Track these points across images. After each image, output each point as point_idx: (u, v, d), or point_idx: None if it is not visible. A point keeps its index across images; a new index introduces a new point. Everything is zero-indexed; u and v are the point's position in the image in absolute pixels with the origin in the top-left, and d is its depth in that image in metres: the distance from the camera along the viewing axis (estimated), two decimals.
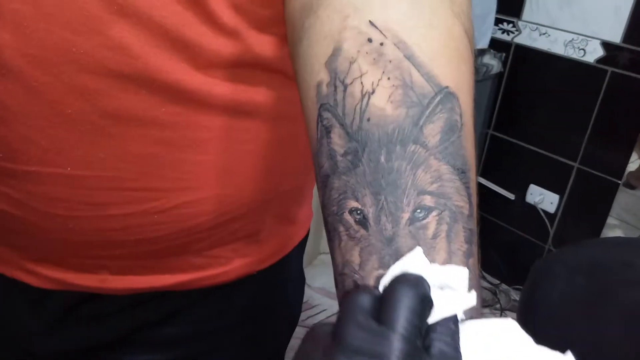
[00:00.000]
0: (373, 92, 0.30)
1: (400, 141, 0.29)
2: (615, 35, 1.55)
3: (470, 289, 0.28)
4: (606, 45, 1.58)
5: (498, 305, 1.92)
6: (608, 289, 0.89)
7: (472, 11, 0.38)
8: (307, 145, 0.49)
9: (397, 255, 0.29)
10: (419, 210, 0.29)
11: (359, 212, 0.30)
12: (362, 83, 0.30)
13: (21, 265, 0.48)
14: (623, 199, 2.88)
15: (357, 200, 0.30)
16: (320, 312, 1.87)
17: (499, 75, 1.82)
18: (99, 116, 0.37)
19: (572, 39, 1.64)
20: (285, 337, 0.66)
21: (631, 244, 0.91)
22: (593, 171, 1.72)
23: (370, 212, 0.29)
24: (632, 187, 2.94)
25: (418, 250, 0.28)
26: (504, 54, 1.79)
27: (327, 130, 0.31)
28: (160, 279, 0.49)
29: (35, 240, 0.45)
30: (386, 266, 0.29)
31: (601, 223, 1.73)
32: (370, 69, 0.30)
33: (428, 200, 0.29)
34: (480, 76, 1.71)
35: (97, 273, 0.48)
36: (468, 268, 0.30)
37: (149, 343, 0.53)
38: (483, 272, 2.09)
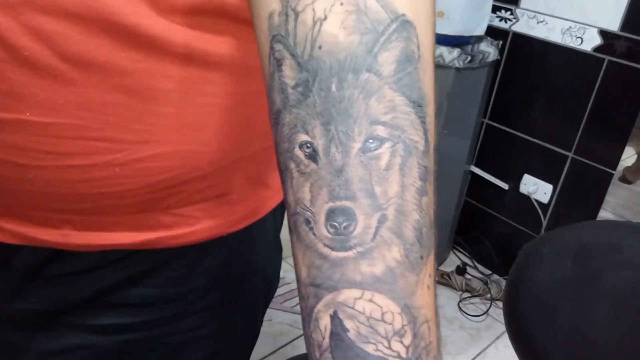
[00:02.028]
0: (325, 18, 0.28)
1: (352, 69, 0.28)
2: (613, 23, 1.54)
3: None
4: (604, 33, 1.57)
5: (489, 295, 1.91)
6: (595, 271, 0.88)
7: None
8: None
9: (347, 186, 0.28)
10: (371, 141, 0.28)
11: (308, 145, 0.29)
12: (313, 9, 0.28)
13: None
14: (619, 193, 2.89)
15: (307, 133, 0.29)
16: None
17: (496, 63, 1.81)
18: (59, 60, 0.36)
19: (570, 27, 1.63)
20: (260, 307, 0.65)
21: (619, 227, 0.90)
22: (587, 161, 1.71)
23: (320, 144, 0.29)
24: (628, 182, 2.93)
25: None
26: (500, 42, 1.78)
27: (279, 63, 0.30)
28: (126, 236, 0.48)
29: None
30: (336, 198, 0.28)
31: (594, 213, 1.72)
32: None
33: (381, 131, 0.28)
34: (476, 63, 1.69)
35: (60, 228, 0.47)
36: (420, 208, 0.29)
37: (117, 305, 0.52)
38: (475, 262, 2.09)
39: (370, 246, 0.28)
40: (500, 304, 1.88)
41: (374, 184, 0.28)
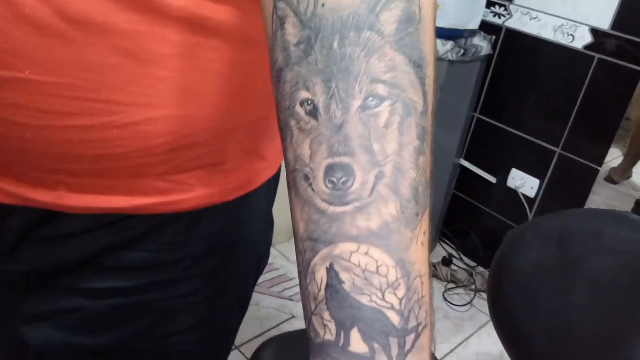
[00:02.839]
0: None
1: (354, 27, 0.29)
2: (604, 21, 1.56)
3: None
4: (594, 31, 1.59)
5: (473, 286, 1.94)
6: (577, 257, 0.91)
7: None
8: None
9: (346, 142, 0.28)
10: (370, 98, 0.29)
11: (309, 102, 0.29)
12: None
13: None
14: (605, 193, 2.93)
15: (308, 90, 0.29)
16: (297, 284, 1.89)
17: (488, 57, 1.83)
18: (59, 19, 0.36)
19: (562, 24, 1.65)
20: (251, 278, 0.66)
21: (601, 214, 0.93)
22: (574, 157, 1.74)
23: (320, 100, 0.29)
24: (614, 182, 2.98)
25: None
26: (493, 37, 1.80)
27: (281, 21, 0.30)
28: (120, 200, 0.48)
29: None
30: (335, 154, 0.29)
31: (579, 208, 1.75)
32: None
33: (381, 89, 0.29)
34: (469, 57, 1.71)
35: (55, 189, 0.47)
36: (417, 166, 0.30)
37: (109, 268, 0.52)
38: (461, 254, 2.11)
39: (367, 201, 0.29)
40: (484, 295, 1.91)
41: (373, 141, 0.29)
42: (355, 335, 0.28)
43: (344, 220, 0.29)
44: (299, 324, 1.72)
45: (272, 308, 1.76)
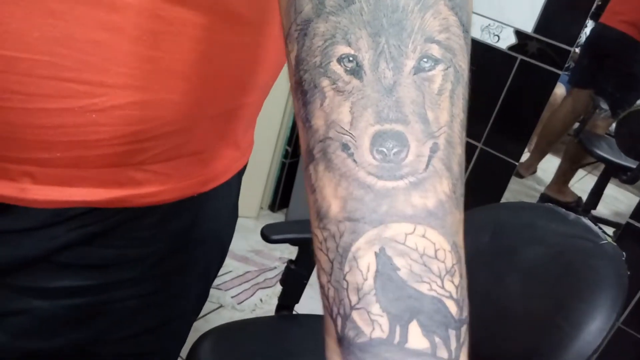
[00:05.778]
0: None
1: None
2: (528, 24, 1.65)
3: None
4: (519, 33, 1.68)
5: None
6: (510, 247, 0.96)
7: None
8: (258, 58, 0.47)
9: (398, 108, 0.25)
10: (425, 59, 0.25)
11: (351, 58, 0.25)
12: None
13: None
14: (512, 187, 3.14)
15: (349, 44, 0.25)
16: (226, 273, 1.86)
17: None
18: None
19: (489, 25, 1.73)
20: (213, 273, 0.62)
21: (533, 208, 0.99)
22: (494, 152, 1.84)
23: (366, 57, 0.25)
24: (521, 177, 3.20)
25: None
26: None
27: None
28: (92, 193, 0.43)
29: None
30: (385, 120, 0.25)
31: (498, 199, 1.86)
32: None
33: (435, 51, 0.26)
34: None
35: (18, 181, 0.41)
36: (462, 142, 0.27)
37: (67, 266, 0.47)
38: None
39: (423, 176, 0.25)
40: None
41: (427, 108, 0.25)
42: (414, 329, 0.24)
43: (397, 197, 0.25)
44: (226, 314, 1.69)
45: None
